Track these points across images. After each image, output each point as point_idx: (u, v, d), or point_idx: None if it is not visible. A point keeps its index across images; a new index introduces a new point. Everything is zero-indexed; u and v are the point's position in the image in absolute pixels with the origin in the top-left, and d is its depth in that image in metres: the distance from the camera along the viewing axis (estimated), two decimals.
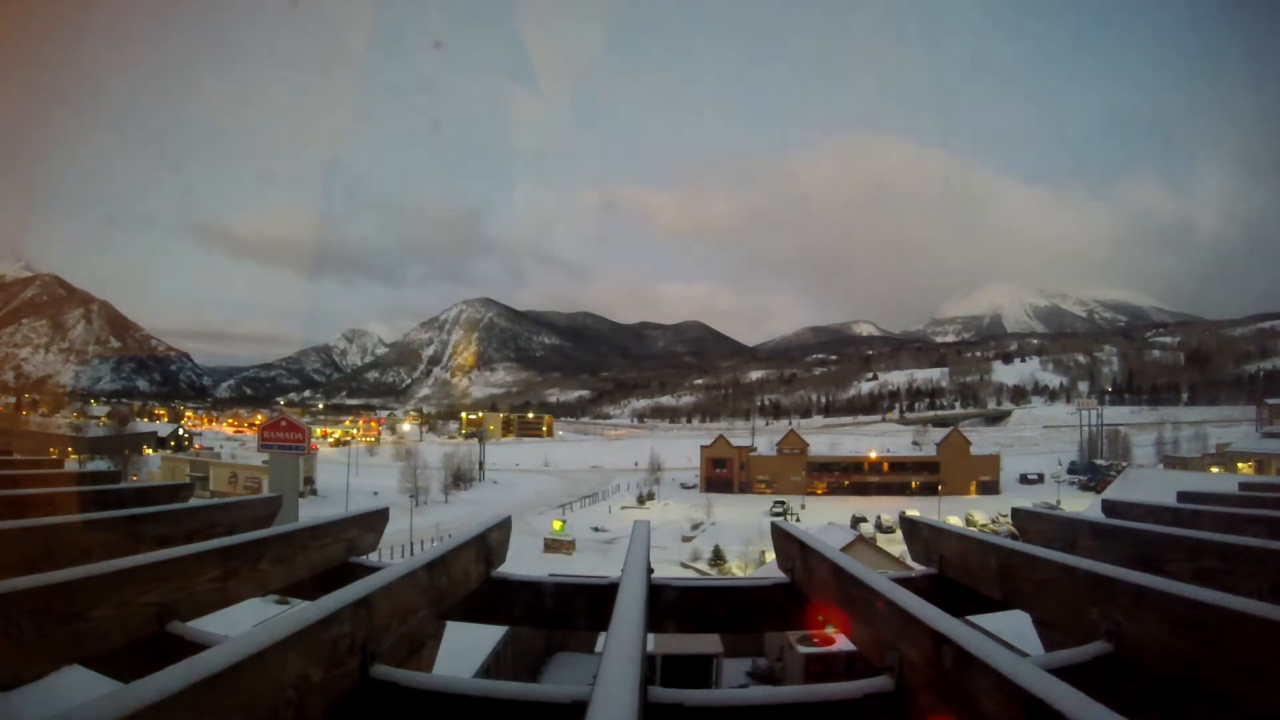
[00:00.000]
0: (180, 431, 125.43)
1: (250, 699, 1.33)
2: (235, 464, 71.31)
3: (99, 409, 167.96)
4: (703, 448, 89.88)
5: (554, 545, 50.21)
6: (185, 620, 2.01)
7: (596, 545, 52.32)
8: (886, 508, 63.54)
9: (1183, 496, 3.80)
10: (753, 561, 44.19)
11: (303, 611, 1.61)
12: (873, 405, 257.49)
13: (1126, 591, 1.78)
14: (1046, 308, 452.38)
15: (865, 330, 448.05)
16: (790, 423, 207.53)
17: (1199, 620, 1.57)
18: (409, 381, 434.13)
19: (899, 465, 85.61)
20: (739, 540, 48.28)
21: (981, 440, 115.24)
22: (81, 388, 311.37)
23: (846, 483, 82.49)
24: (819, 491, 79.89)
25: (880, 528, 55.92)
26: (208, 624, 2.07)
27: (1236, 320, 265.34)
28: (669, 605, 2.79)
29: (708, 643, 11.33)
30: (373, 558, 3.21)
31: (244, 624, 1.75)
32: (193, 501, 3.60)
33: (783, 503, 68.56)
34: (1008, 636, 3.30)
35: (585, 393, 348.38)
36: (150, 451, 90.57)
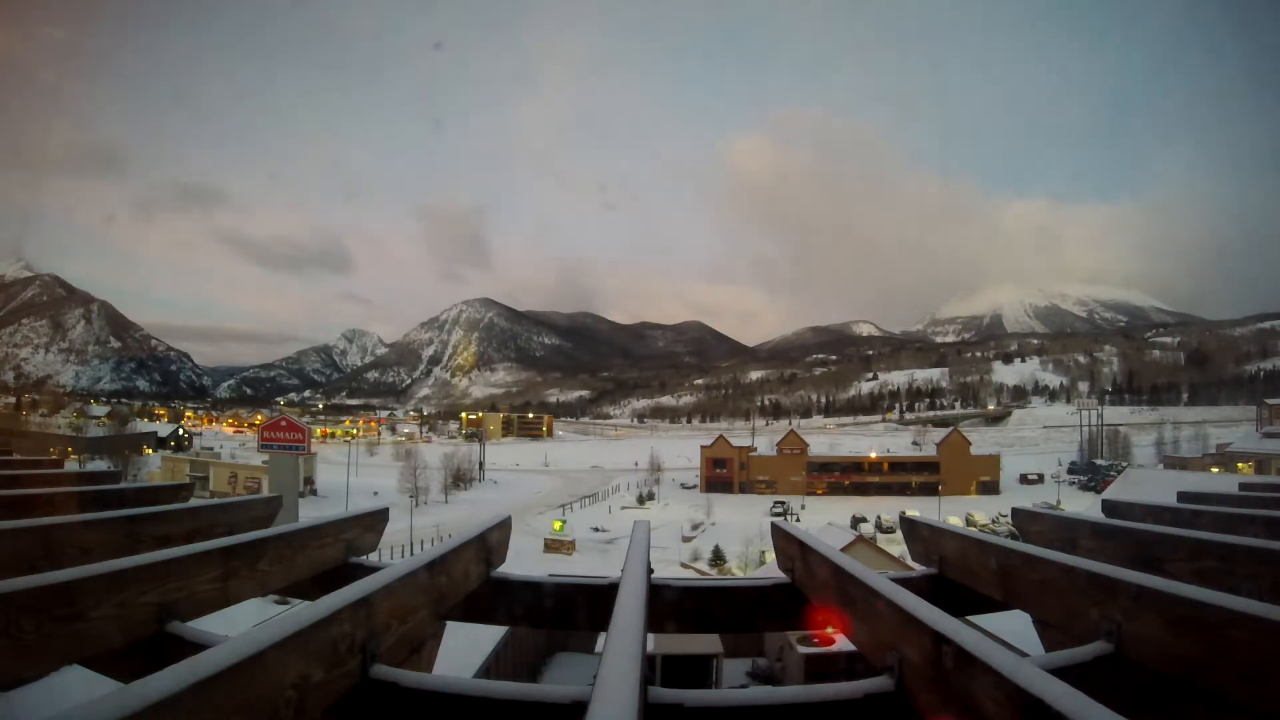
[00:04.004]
0: (180, 431, 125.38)
1: (250, 699, 1.33)
2: (235, 464, 71.29)
3: (99, 409, 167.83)
4: (703, 448, 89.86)
5: (554, 545, 50.20)
6: (185, 620, 2.01)
7: (596, 545, 52.31)
8: (886, 508, 63.50)
9: (1183, 496, 3.79)
10: (753, 562, 44.18)
11: (302, 611, 1.60)
12: (873, 405, 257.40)
13: (1126, 591, 1.78)
14: (1046, 308, 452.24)
15: (865, 330, 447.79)
16: (790, 423, 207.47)
17: (1199, 620, 1.56)
18: (409, 381, 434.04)
19: (899, 465, 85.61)
20: (739, 540, 48.25)
21: (981, 440, 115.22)
22: (81, 388, 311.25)
23: (847, 483, 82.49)
24: (819, 491, 79.87)
25: (880, 528, 55.92)
26: (208, 624, 2.06)
27: (1236, 320, 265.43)
28: (669, 605, 2.78)
29: (708, 643, 11.34)
30: (373, 558, 3.20)
31: (244, 624, 1.74)
32: (193, 501, 3.60)
33: (783, 503, 68.55)
34: (1008, 636, 3.30)
35: (585, 393, 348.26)
36: (150, 451, 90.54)
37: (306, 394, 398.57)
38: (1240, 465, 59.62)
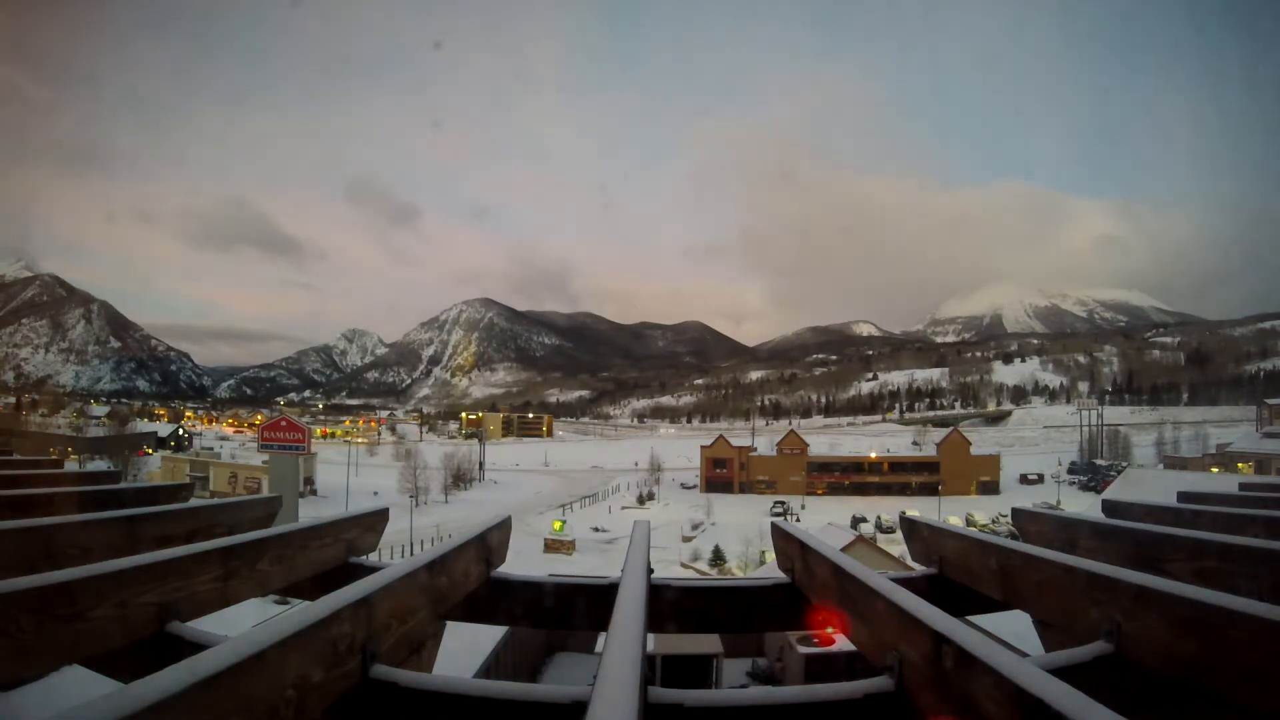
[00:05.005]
0: (180, 431, 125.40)
1: (250, 699, 1.33)
2: (235, 464, 71.27)
3: (99, 409, 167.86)
4: (703, 448, 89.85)
5: (554, 545, 50.20)
6: (185, 620, 2.00)
7: (596, 545, 52.31)
8: (886, 508, 63.50)
9: (1183, 496, 3.78)
10: (753, 562, 44.18)
11: (303, 611, 1.60)
12: (873, 405, 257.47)
13: (1126, 591, 1.77)
14: (1046, 308, 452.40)
15: (865, 330, 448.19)
16: (790, 423, 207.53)
17: (1199, 620, 1.56)
18: (409, 381, 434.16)
19: (899, 465, 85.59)
20: (739, 540, 48.26)
21: (981, 440, 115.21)
22: (81, 388, 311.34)
23: (847, 483, 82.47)
24: (819, 492, 79.86)
25: (880, 528, 55.90)
26: (208, 624, 2.06)
27: (1236, 320, 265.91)
28: (669, 605, 2.77)
29: (708, 643, 11.32)
30: (373, 558, 3.20)
31: (244, 624, 1.74)
32: (193, 501, 3.59)
33: (783, 503, 68.52)
34: (1008, 636, 3.29)
35: (585, 393, 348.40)
36: (150, 451, 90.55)
37: (306, 394, 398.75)
38: (1240, 465, 59.61)
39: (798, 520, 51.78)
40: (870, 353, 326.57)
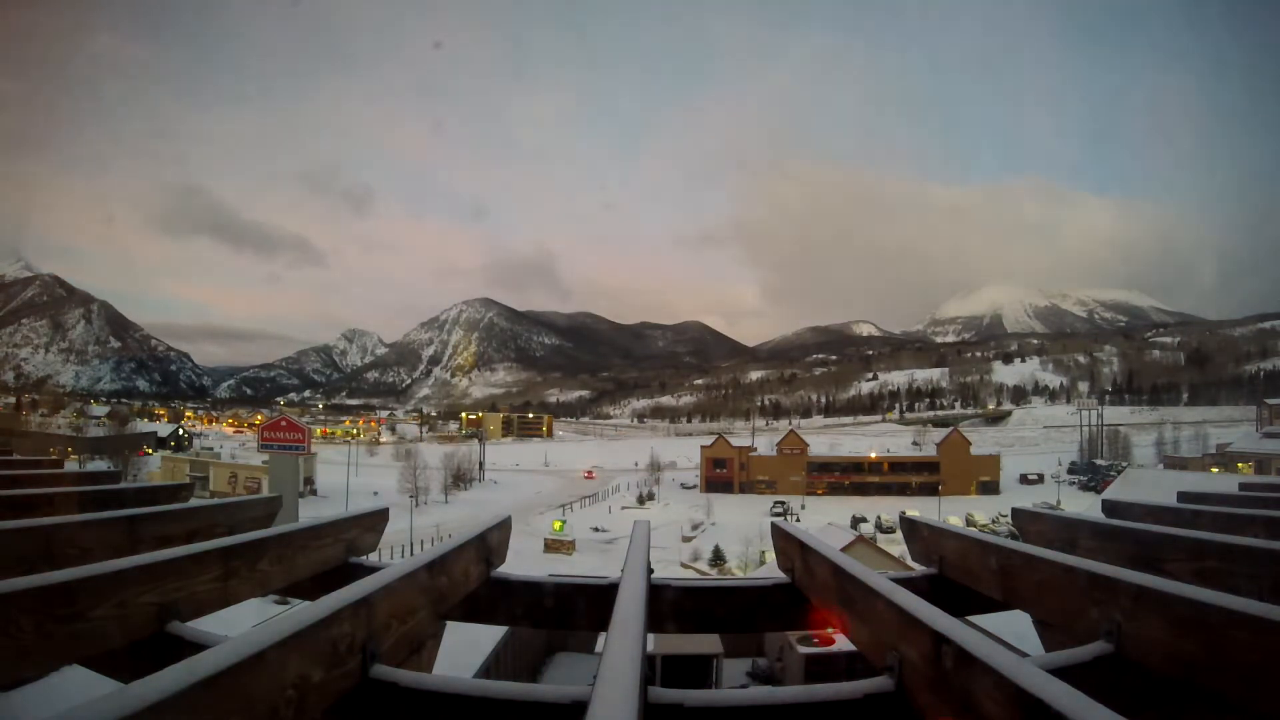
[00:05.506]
0: (180, 431, 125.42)
1: (250, 699, 1.32)
2: (235, 464, 71.28)
3: (99, 409, 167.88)
4: (703, 448, 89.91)
5: (554, 545, 50.21)
6: (185, 620, 2.00)
7: (596, 545, 52.30)
8: (886, 508, 63.50)
9: (1183, 496, 3.77)
10: (753, 562, 44.18)
11: (303, 611, 1.60)
12: (873, 405, 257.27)
13: (1126, 591, 1.77)
14: (1046, 308, 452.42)
15: (865, 330, 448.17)
16: (790, 423, 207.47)
17: (1199, 620, 1.56)
18: (409, 381, 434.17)
19: (899, 465, 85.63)
20: (739, 540, 48.27)
21: (981, 440, 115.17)
22: (81, 388, 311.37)
23: (847, 483, 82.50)
24: (819, 492, 79.87)
25: (880, 528, 55.91)
26: (208, 624, 2.05)
27: (1236, 320, 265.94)
28: (669, 605, 2.77)
29: (708, 643, 11.32)
30: (373, 558, 3.20)
31: (244, 624, 1.74)
32: (193, 501, 3.59)
33: (783, 503, 68.52)
34: (1008, 636, 3.29)
35: (585, 393, 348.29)
36: (150, 452, 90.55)
37: (306, 394, 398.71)
38: (1240, 465, 59.61)
39: (798, 520, 51.77)
40: (870, 353, 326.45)
